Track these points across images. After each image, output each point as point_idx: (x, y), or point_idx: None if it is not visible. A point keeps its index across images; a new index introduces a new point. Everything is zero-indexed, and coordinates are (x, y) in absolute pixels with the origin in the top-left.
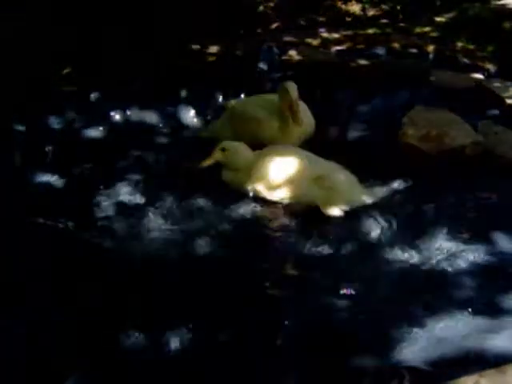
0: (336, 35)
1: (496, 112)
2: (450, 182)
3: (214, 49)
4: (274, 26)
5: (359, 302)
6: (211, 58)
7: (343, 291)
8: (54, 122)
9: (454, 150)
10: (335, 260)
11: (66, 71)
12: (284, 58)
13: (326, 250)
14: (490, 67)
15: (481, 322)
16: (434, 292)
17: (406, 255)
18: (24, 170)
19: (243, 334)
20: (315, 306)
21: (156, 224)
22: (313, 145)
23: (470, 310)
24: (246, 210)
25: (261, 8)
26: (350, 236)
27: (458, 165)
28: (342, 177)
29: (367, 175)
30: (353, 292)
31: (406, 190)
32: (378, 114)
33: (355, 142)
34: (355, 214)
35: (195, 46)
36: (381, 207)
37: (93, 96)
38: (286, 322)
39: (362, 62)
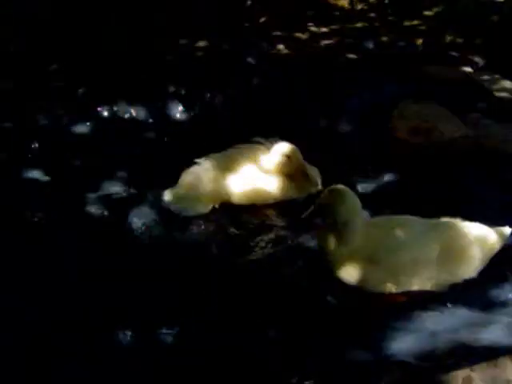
0: (324, 29)
1: (485, 105)
2: (438, 176)
3: (201, 43)
4: (262, 20)
5: (350, 294)
6: (199, 53)
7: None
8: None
9: (444, 143)
10: None
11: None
12: (272, 52)
13: None
14: (479, 60)
15: (472, 315)
16: None
17: None
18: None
19: None
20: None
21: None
22: (302, 139)
23: (461, 303)
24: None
25: (248, 2)
26: None
27: (447, 158)
28: None
29: (356, 168)
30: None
31: (396, 184)
32: (367, 108)
33: (344, 135)
34: None
35: (182, 41)
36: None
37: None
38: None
39: (351, 55)
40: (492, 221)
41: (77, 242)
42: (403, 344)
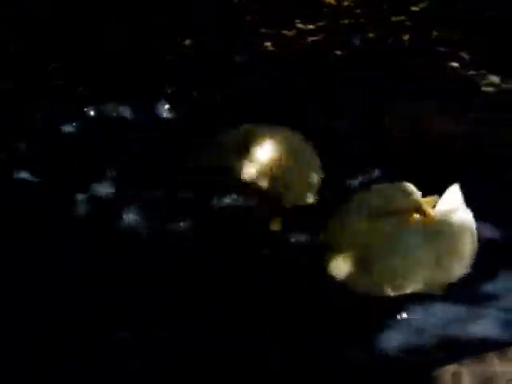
0: (311, 26)
1: (475, 101)
2: (438, 175)
3: (189, 41)
4: (249, 17)
5: (350, 294)
6: (187, 51)
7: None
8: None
9: (443, 142)
10: None
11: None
12: (259, 49)
13: None
14: (467, 56)
15: (461, 310)
16: None
17: None
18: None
19: None
20: None
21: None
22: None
23: (450, 298)
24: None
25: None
26: None
27: (447, 157)
28: None
29: (352, 168)
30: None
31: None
32: (357, 106)
33: (338, 133)
34: None
35: (182, 41)
36: None
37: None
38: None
39: (338, 52)
40: (492, 220)
41: (77, 242)
42: (392, 340)
